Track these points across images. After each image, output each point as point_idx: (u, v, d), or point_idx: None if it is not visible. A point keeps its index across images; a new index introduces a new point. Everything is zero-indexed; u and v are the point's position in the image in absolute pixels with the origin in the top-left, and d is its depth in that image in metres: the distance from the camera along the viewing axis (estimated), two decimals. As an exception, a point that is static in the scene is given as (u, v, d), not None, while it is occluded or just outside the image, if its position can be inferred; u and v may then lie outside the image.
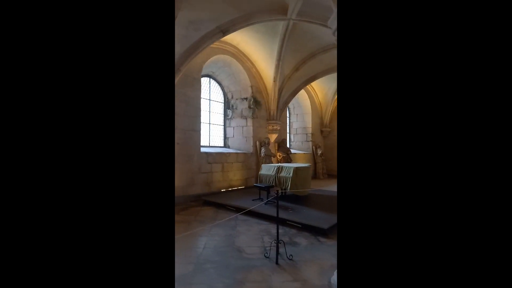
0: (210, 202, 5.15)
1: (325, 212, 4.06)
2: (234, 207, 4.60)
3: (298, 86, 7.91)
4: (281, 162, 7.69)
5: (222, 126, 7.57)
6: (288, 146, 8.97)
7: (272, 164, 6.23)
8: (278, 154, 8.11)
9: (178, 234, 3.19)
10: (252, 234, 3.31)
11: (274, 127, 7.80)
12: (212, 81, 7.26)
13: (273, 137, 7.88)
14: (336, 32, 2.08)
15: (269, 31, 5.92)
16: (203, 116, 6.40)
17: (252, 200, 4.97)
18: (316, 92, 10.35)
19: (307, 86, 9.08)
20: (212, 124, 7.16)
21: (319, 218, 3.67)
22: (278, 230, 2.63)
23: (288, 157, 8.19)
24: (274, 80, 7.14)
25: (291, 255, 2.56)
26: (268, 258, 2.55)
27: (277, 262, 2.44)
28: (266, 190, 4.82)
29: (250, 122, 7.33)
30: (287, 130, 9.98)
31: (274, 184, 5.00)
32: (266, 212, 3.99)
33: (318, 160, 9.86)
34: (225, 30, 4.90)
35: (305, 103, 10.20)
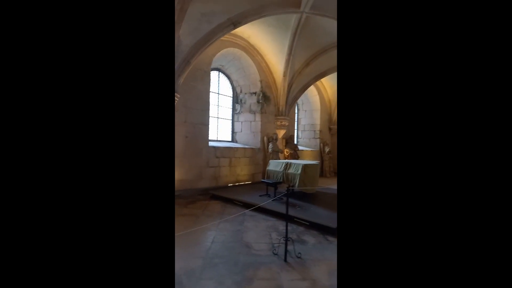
0: (217, 196, 5.16)
1: (333, 211, 4.01)
2: (241, 202, 4.60)
3: (308, 82, 7.78)
4: (288, 159, 7.64)
5: (230, 121, 7.54)
6: (295, 142, 8.90)
7: (280, 160, 6.20)
8: (285, 150, 8.05)
9: (186, 228, 3.22)
10: (260, 230, 3.31)
11: (283, 123, 7.72)
12: (221, 74, 7.21)
13: (281, 133, 7.82)
14: None
15: (280, 25, 5.80)
16: (212, 110, 6.37)
17: (259, 196, 4.96)
18: (325, 88, 10.18)
19: (317, 82, 8.92)
20: (220, 118, 7.14)
21: (327, 217, 3.63)
22: (287, 227, 2.61)
23: (295, 153, 8.13)
24: (284, 75, 7.04)
25: (300, 253, 2.54)
26: (276, 255, 2.54)
27: (285, 259, 2.43)
28: (273, 186, 4.80)
29: (258, 117, 7.28)
30: (295, 126, 9.88)
31: (282, 180, 4.97)
32: (274, 208, 3.97)
33: (325, 157, 9.76)
34: (236, 23, 4.81)
35: (314, 99, 10.06)
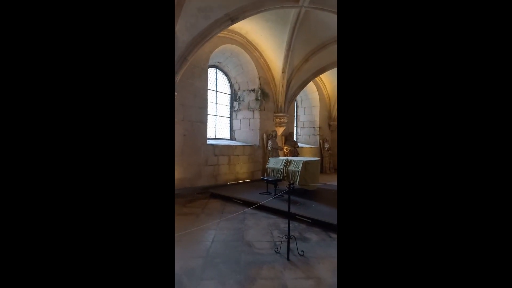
0: (217, 194, 5.10)
1: (335, 207, 3.96)
2: (241, 200, 4.54)
3: (307, 78, 7.71)
4: (287, 156, 7.58)
5: (229, 118, 7.46)
6: (295, 139, 8.84)
7: (280, 157, 6.13)
8: (285, 147, 8.00)
9: (186, 227, 3.15)
10: (261, 228, 3.25)
11: (282, 120, 7.66)
12: (218, 72, 7.11)
13: (280, 130, 7.76)
14: None
15: (279, 20, 5.71)
16: (210, 107, 6.29)
17: (259, 193, 4.91)
18: (325, 84, 10.11)
19: (316, 78, 8.85)
20: (218, 116, 7.06)
21: (329, 214, 3.58)
22: (289, 225, 2.55)
23: (295, 150, 8.07)
24: (283, 71, 6.96)
25: (303, 251, 2.49)
26: (278, 253, 2.48)
27: (288, 258, 2.37)
28: (274, 184, 4.74)
29: (257, 114, 7.20)
30: (294, 123, 9.82)
31: (282, 177, 4.91)
32: (275, 206, 3.91)
33: (325, 154, 9.73)
34: (234, 18, 4.72)
35: (313, 96, 9.99)
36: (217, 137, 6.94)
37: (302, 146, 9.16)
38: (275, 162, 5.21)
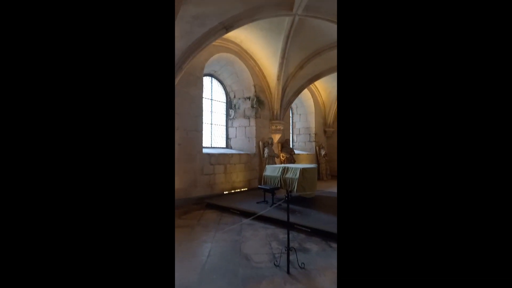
0: (213, 205, 4.97)
1: (333, 215, 3.87)
2: (238, 211, 4.42)
3: (302, 85, 7.74)
4: (284, 163, 7.51)
5: (224, 127, 7.39)
6: (291, 146, 8.80)
7: (277, 165, 6.06)
8: (281, 154, 7.93)
9: (180, 241, 3.02)
10: (259, 240, 3.13)
11: (278, 127, 7.62)
12: (214, 80, 7.09)
13: (276, 137, 7.71)
14: None
15: (273, 28, 5.75)
16: (205, 116, 6.22)
17: (256, 202, 4.80)
18: (319, 91, 10.18)
19: (311, 85, 8.91)
20: (214, 124, 6.98)
21: (329, 222, 3.49)
22: (289, 236, 2.45)
23: (291, 157, 8.01)
24: (278, 78, 6.97)
25: (303, 263, 2.38)
26: (278, 266, 2.37)
27: (288, 271, 2.26)
28: (271, 192, 4.64)
29: (253, 122, 7.16)
30: (290, 130, 9.80)
31: (279, 185, 4.82)
32: (273, 215, 3.80)
33: (321, 160, 9.68)
34: (228, 26, 4.73)
35: (308, 103, 10.03)
36: (212, 145, 6.85)
37: (299, 153, 9.11)
38: (272, 170, 5.13)
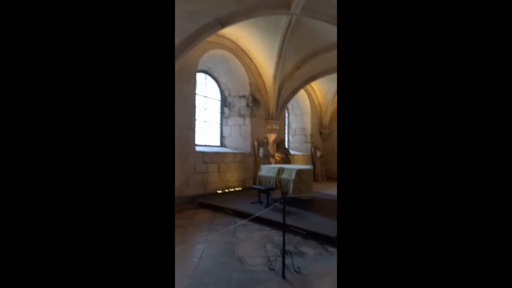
0: (206, 204, 4.84)
1: (330, 217, 3.81)
2: (232, 211, 4.31)
3: (298, 85, 7.67)
4: (279, 163, 7.42)
5: (219, 125, 7.26)
6: (286, 146, 8.72)
7: (272, 165, 5.96)
8: (277, 154, 7.84)
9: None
10: (253, 242, 3.03)
11: (273, 127, 7.53)
12: (208, 77, 6.95)
13: (272, 137, 7.62)
14: None
15: (270, 27, 5.65)
16: (199, 113, 6.08)
17: (251, 203, 4.69)
18: (315, 92, 10.14)
19: (307, 86, 8.86)
20: (208, 122, 6.84)
21: (325, 225, 3.41)
22: (285, 239, 2.35)
23: (287, 158, 7.94)
24: (274, 78, 6.88)
25: (299, 267, 2.29)
26: (273, 270, 2.27)
27: (283, 275, 2.17)
28: (266, 193, 4.55)
29: (248, 121, 7.04)
30: (286, 130, 9.73)
31: (275, 186, 4.73)
32: (268, 216, 3.70)
33: (317, 162, 9.64)
34: (224, 22, 4.61)
35: (304, 103, 9.98)
36: (206, 144, 6.71)
37: (294, 154, 9.04)
38: (268, 170, 5.03)
